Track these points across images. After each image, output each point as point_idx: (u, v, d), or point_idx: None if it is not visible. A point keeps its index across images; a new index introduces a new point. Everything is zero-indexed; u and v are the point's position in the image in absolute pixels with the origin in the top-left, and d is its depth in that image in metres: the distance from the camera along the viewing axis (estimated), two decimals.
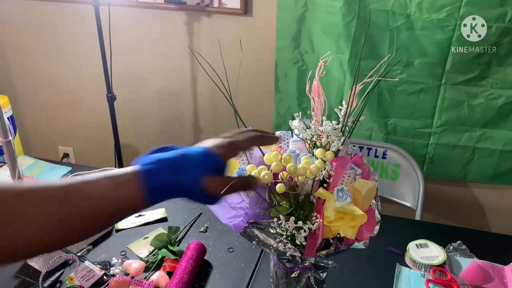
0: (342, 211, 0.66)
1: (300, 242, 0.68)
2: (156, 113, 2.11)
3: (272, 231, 0.71)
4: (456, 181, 1.79)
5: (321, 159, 0.70)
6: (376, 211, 0.75)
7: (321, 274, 0.82)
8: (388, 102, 1.67)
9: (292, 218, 0.66)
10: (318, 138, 0.74)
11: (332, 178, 0.69)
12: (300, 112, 0.79)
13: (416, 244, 1.11)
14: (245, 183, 0.65)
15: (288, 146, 0.79)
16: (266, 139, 0.69)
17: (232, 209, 0.74)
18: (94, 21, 1.68)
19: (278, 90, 1.81)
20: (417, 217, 1.55)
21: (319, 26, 1.65)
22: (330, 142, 0.73)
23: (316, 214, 0.68)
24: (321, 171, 0.68)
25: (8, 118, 1.38)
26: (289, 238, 0.68)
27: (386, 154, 1.67)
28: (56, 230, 0.53)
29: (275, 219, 0.68)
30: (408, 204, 1.63)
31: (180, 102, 2.05)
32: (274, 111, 1.85)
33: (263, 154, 0.72)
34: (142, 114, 2.13)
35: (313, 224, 0.67)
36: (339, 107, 0.79)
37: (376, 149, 1.68)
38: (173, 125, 2.11)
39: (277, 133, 0.80)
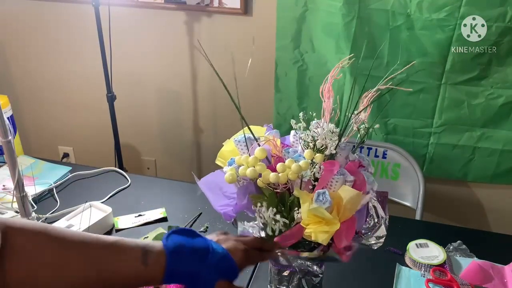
0: (319, 215, 0.66)
1: (273, 232, 0.69)
2: (156, 113, 2.11)
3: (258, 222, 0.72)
4: (456, 181, 1.79)
5: (311, 160, 0.70)
6: (383, 226, 0.74)
7: (313, 278, 0.81)
8: (388, 102, 1.67)
9: (271, 209, 0.68)
10: (312, 140, 0.73)
11: (318, 181, 0.69)
12: (302, 112, 0.78)
13: (416, 244, 1.11)
14: None
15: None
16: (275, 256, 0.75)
17: (225, 197, 0.74)
18: (94, 21, 1.68)
19: (278, 89, 1.81)
20: (417, 217, 1.55)
21: (319, 26, 1.65)
22: (325, 145, 0.72)
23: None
24: (309, 172, 0.68)
25: (8, 118, 1.38)
26: (265, 227, 0.70)
27: (386, 154, 1.67)
28: (80, 285, 0.57)
29: (258, 204, 0.69)
30: (408, 204, 1.63)
31: (180, 102, 2.05)
32: (274, 111, 1.85)
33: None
34: (142, 114, 2.13)
35: (289, 221, 0.67)
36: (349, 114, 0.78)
37: (376, 149, 1.68)
38: (173, 125, 2.11)
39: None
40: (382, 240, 0.74)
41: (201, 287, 0.64)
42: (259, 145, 0.74)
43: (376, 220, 0.76)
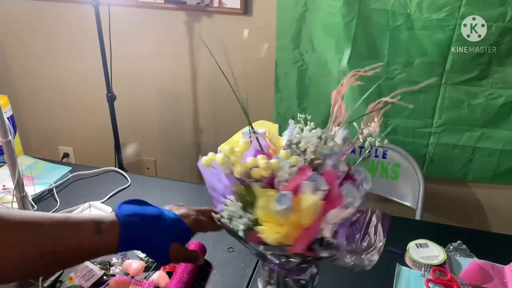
0: (270, 214, 0.66)
1: (236, 226, 0.70)
2: (156, 113, 2.11)
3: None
4: (456, 181, 1.79)
5: (286, 161, 0.69)
6: (377, 251, 0.72)
7: (301, 280, 0.81)
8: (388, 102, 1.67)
9: (239, 203, 0.69)
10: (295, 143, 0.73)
11: (288, 182, 0.68)
12: (299, 114, 0.78)
13: (416, 244, 1.11)
14: (193, 259, 0.75)
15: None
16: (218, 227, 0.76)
17: (220, 183, 0.75)
18: (94, 21, 1.68)
19: (278, 89, 1.81)
20: (417, 217, 1.55)
21: (319, 26, 1.65)
22: (307, 148, 0.71)
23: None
24: (282, 173, 0.68)
25: (8, 118, 1.37)
26: (231, 218, 0.71)
27: (386, 154, 1.67)
28: (36, 262, 0.58)
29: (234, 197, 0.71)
30: (408, 204, 1.63)
31: (180, 102, 2.05)
32: (274, 111, 1.85)
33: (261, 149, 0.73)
34: (142, 114, 2.13)
35: (250, 220, 0.68)
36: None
37: (376, 149, 1.68)
38: (173, 125, 2.11)
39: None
40: (373, 263, 0.74)
41: (156, 251, 0.67)
42: (257, 140, 0.74)
43: (372, 242, 0.76)
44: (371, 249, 0.74)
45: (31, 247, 0.58)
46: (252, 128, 0.76)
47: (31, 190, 1.27)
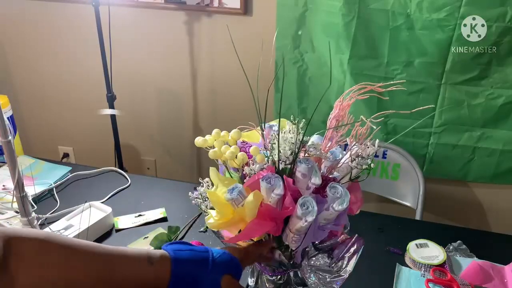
0: (213, 199, 0.70)
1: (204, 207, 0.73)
2: (156, 113, 2.11)
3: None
4: (456, 181, 1.79)
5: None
6: (340, 280, 0.73)
7: (277, 282, 0.80)
8: (388, 102, 1.67)
9: (213, 187, 0.72)
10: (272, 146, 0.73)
11: (250, 177, 0.71)
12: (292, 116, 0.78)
13: (416, 244, 1.11)
14: None
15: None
16: (267, 249, 0.75)
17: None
18: (94, 21, 1.68)
19: (278, 89, 1.81)
20: (417, 217, 1.55)
21: (319, 26, 1.65)
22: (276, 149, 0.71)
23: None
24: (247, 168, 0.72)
25: (8, 118, 1.37)
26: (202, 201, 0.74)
27: (386, 154, 1.67)
28: None
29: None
30: (408, 204, 1.63)
31: (180, 102, 2.05)
32: (274, 111, 1.85)
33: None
34: (142, 114, 2.13)
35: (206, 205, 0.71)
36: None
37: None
38: (173, 125, 2.11)
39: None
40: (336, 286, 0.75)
41: (209, 279, 0.65)
42: (263, 136, 0.76)
43: (337, 268, 0.76)
44: (335, 275, 0.75)
45: (83, 275, 0.57)
46: (262, 123, 0.77)
47: (31, 190, 1.27)
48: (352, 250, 0.76)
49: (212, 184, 0.74)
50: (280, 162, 0.70)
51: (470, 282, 1.00)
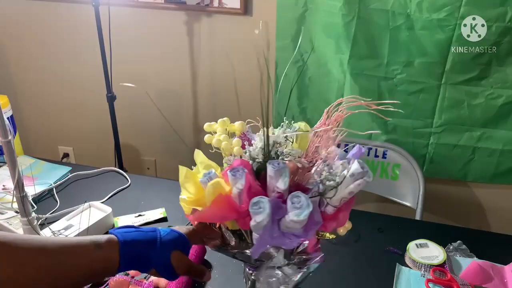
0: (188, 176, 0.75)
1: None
2: (156, 113, 2.11)
3: None
4: (456, 181, 1.79)
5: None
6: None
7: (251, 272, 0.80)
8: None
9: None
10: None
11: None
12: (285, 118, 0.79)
13: (416, 244, 1.11)
14: (199, 273, 0.74)
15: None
16: (216, 234, 0.77)
17: None
18: (94, 21, 1.68)
19: (278, 89, 1.80)
20: (417, 217, 1.55)
21: (319, 26, 1.65)
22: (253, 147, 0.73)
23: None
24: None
25: (8, 118, 1.37)
26: None
27: (386, 154, 1.67)
28: (42, 282, 0.60)
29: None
30: (408, 204, 1.63)
31: (180, 102, 2.05)
32: (274, 111, 1.85)
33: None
34: (142, 114, 2.13)
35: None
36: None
37: (376, 149, 1.68)
38: (173, 125, 2.11)
39: None
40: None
41: (158, 261, 0.68)
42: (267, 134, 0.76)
43: (289, 274, 0.75)
44: (286, 279, 0.75)
45: (34, 269, 0.59)
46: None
47: (31, 190, 1.27)
48: (310, 263, 0.75)
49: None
50: (255, 160, 0.71)
51: (470, 282, 1.00)
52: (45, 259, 0.60)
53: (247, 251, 0.75)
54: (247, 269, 0.80)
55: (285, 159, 0.71)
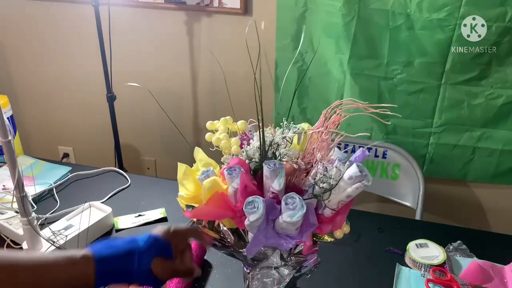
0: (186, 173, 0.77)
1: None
2: (156, 113, 2.11)
3: None
4: (456, 181, 1.79)
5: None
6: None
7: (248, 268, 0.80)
8: (388, 102, 1.67)
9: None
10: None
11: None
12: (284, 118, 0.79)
13: (416, 244, 1.11)
14: (186, 273, 0.73)
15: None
16: (202, 235, 0.77)
17: None
18: (94, 21, 1.68)
19: (278, 89, 1.81)
20: (417, 217, 1.55)
21: (319, 26, 1.65)
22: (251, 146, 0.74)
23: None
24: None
25: (8, 118, 1.38)
26: None
27: (386, 154, 1.67)
28: None
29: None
30: (408, 204, 1.63)
31: (180, 102, 2.05)
32: (274, 111, 1.85)
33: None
34: (142, 114, 2.13)
35: None
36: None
37: (376, 149, 1.68)
38: (173, 125, 2.11)
39: None
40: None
41: (138, 274, 0.66)
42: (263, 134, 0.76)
43: (284, 275, 0.75)
44: (281, 280, 0.75)
45: (11, 286, 0.59)
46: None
47: (31, 190, 1.27)
48: (305, 264, 0.76)
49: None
50: (252, 160, 0.71)
51: (470, 282, 1.00)
52: (22, 276, 0.61)
53: (243, 250, 0.75)
54: (245, 268, 0.80)
55: (282, 159, 0.71)
